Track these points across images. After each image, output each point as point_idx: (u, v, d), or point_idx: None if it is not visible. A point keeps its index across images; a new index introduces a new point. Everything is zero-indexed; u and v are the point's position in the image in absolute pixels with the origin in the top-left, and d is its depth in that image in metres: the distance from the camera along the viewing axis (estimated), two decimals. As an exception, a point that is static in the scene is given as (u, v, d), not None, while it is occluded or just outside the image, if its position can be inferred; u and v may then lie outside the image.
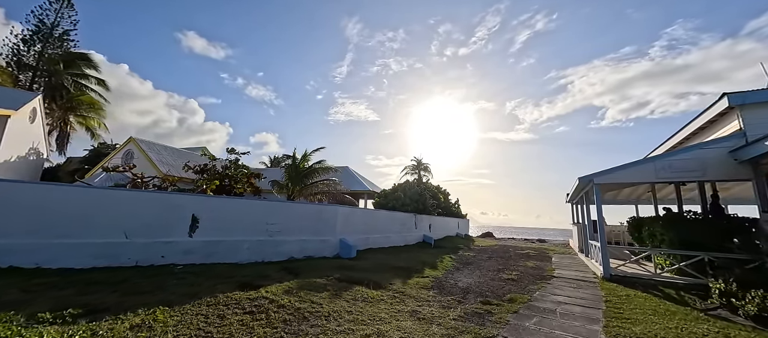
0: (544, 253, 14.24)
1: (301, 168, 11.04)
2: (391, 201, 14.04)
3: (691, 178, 7.41)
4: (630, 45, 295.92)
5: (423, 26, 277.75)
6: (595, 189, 8.49)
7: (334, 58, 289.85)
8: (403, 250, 11.98)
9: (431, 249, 13.97)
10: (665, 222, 7.75)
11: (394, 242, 12.92)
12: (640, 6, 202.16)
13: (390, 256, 9.93)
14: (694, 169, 7.41)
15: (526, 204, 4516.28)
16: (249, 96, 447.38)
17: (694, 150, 7.48)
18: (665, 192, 15.18)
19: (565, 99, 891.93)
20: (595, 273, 8.79)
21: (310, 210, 8.93)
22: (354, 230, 10.24)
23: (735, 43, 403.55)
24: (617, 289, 6.94)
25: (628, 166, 8.13)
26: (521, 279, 7.75)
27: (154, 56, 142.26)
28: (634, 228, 11.66)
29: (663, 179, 7.71)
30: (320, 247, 8.73)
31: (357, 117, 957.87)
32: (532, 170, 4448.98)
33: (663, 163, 7.74)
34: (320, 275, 6.38)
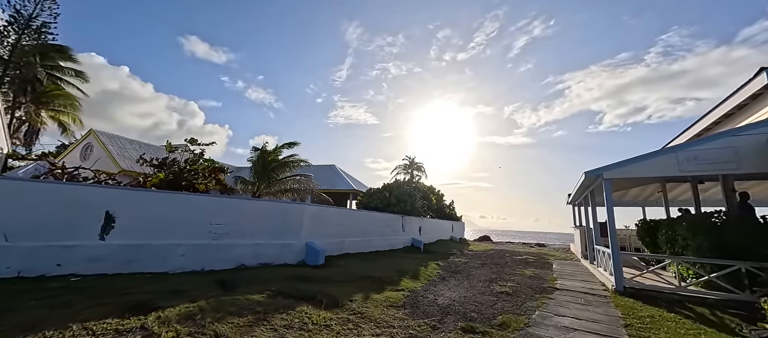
0: (544, 259, 12.90)
1: (269, 162, 9.72)
2: (374, 201, 12.72)
3: (723, 171, 6.13)
4: (626, 51, 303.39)
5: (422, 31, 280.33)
6: (605, 185, 7.19)
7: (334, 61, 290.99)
8: (384, 256, 10.62)
9: (419, 254, 12.63)
10: (691, 225, 6.45)
11: (376, 246, 11.56)
12: (636, 13, 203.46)
13: (366, 263, 8.57)
14: (725, 161, 6.12)
15: (524, 208, 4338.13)
16: (249, 99, 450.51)
17: (726, 137, 6.19)
18: (677, 192, 13.91)
19: (563, 103, 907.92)
20: (605, 284, 7.46)
21: (269, 209, 7.57)
22: (326, 233, 8.89)
23: (729, 50, 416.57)
24: (636, 307, 5.62)
25: (644, 158, 6.84)
26: (517, 293, 6.41)
27: (156, 60, 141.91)
28: (645, 233, 10.36)
29: (687, 173, 6.42)
30: (280, 253, 7.37)
31: (356, 120, 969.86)
32: (531, 174, 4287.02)
33: (687, 153, 6.45)
34: (262, 289, 5.04)
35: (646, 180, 9.59)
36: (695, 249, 6.43)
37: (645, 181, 10.98)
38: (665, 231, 7.79)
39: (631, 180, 8.75)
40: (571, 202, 16.33)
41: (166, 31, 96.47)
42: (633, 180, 8.82)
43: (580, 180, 8.59)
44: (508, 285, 7.16)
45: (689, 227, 6.47)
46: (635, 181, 9.19)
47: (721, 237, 6.01)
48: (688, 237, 6.55)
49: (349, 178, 19.24)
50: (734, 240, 5.89)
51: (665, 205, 12.83)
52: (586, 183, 8.87)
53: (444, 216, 21.42)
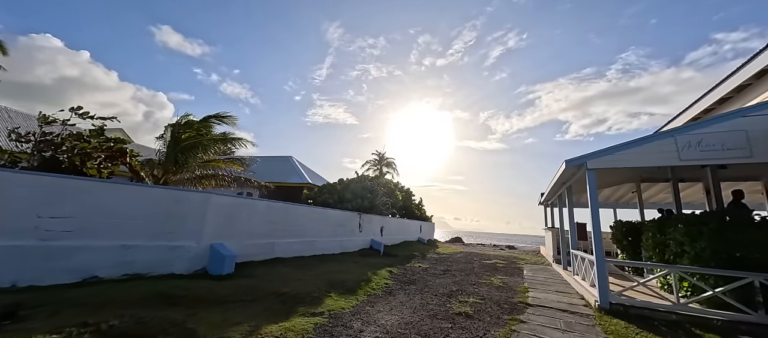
0: (514, 264, 11.67)
1: (181, 139, 7.54)
2: (324, 196, 10.83)
3: (732, 160, 4.94)
4: (590, 67, 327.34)
5: (403, 36, 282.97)
6: (588, 176, 5.84)
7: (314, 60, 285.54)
8: (329, 261, 8.78)
9: (376, 258, 10.92)
10: (690, 227, 5.23)
11: (323, 249, 9.70)
12: (600, 32, 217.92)
13: (296, 272, 6.70)
14: (736, 146, 4.92)
15: (497, 211, 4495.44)
16: (224, 93, 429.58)
17: (736, 118, 5.00)
18: (650, 192, 13.24)
19: (534, 112, 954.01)
20: (585, 298, 6.13)
21: (149, 198, 5.45)
22: (246, 232, 6.91)
23: (678, 71, 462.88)
24: (629, 334, 4.24)
25: (636, 144, 5.55)
26: (480, 314, 4.85)
27: (123, 48, 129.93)
28: (622, 236, 9.30)
29: (689, 162, 5.18)
30: (166, 259, 5.33)
31: (335, 120, 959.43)
32: (504, 178, 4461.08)
33: (689, 137, 5.20)
34: (76, 321, 3.07)
35: (634, 173, 8.48)
36: (693, 256, 5.19)
37: (631, 176, 9.93)
38: (653, 234, 6.60)
39: (617, 173, 7.55)
40: (543, 202, 15.35)
41: (136, 18, 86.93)
42: (620, 173, 7.63)
43: (558, 173, 7.26)
44: (471, 300, 5.60)
45: (687, 229, 5.23)
46: (622, 174, 8.01)
47: (729, 242, 4.78)
48: (685, 241, 5.31)
49: (307, 172, 17.15)
50: (746, 245, 4.67)
51: (640, 207, 12.02)
52: (564, 177, 7.57)
53: (412, 216, 19.93)
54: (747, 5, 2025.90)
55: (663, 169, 9.84)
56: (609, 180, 11.55)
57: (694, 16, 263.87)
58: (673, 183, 8.97)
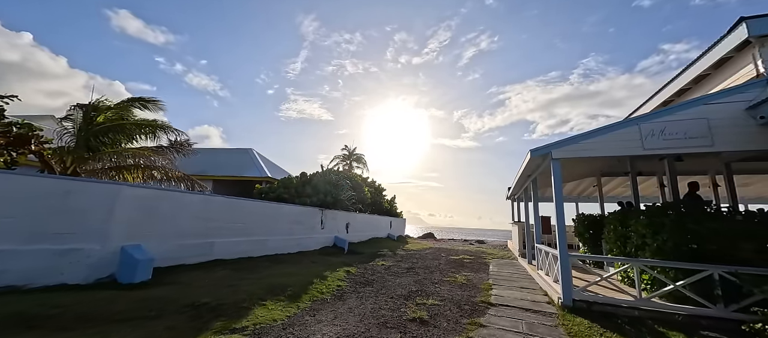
0: (481, 259, 11.45)
1: (96, 122, 6.31)
2: (279, 190, 9.88)
3: (694, 149, 4.77)
4: (556, 70, 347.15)
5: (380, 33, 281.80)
6: (553, 166, 5.51)
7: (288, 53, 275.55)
8: (281, 262, 7.93)
9: (338, 256, 10.20)
10: (652, 219, 5.04)
11: (278, 248, 8.81)
12: (565, 38, 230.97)
13: (234, 276, 5.82)
14: (697, 135, 4.75)
15: (469, 207, 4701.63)
16: (189, 84, 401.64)
17: (698, 105, 4.84)
18: (610, 186, 13.62)
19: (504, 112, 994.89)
20: (549, 295, 5.83)
21: (25, 189, 4.32)
22: (174, 230, 5.91)
23: (631, 77, 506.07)
24: (593, 331, 3.90)
25: (600, 132, 5.28)
26: (437, 318, 4.31)
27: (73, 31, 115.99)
28: (585, 229, 9.31)
29: (652, 151, 4.96)
30: (51, 266, 4.25)
31: (310, 115, 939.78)
32: (476, 175, 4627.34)
33: (653, 125, 4.99)
34: None
35: (595, 166, 8.40)
36: (655, 249, 5.01)
37: (593, 170, 9.96)
38: (615, 226, 6.46)
39: (580, 165, 7.38)
40: (510, 197, 15.42)
41: None
42: (582, 165, 7.46)
43: (524, 165, 6.94)
44: (429, 302, 5.06)
45: (650, 221, 5.04)
46: (584, 167, 7.88)
47: (689, 234, 4.61)
48: (647, 233, 5.13)
49: (269, 166, 15.92)
50: (705, 238, 4.51)
51: (600, 200, 12.27)
52: (529, 169, 7.28)
53: (382, 212, 19.37)
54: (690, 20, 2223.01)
55: (622, 162, 9.95)
56: (572, 174, 11.64)
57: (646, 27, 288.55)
58: (631, 177, 9.07)
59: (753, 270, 4.16)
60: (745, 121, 4.55)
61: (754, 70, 4.75)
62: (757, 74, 4.67)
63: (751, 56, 4.78)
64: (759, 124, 4.45)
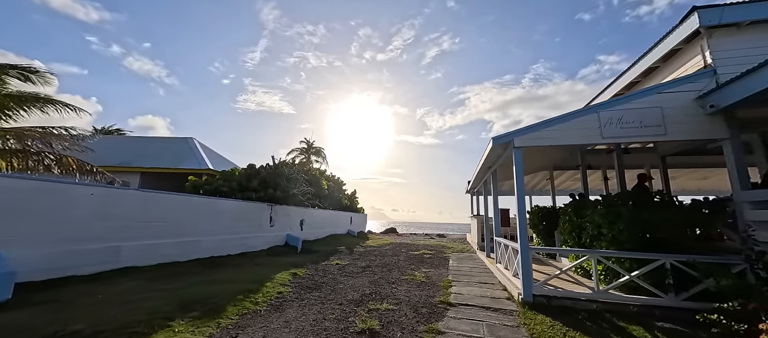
0: (441, 253, 11.24)
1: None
2: (217, 184, 8.59)
3: (649, 138, 4.73)
4: (510, 74, 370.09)
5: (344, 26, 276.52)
6: (514, 155, 5.20)
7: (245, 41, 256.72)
8: (217, 266, 6.82)
9: (290, 256, 9.24)
10: (608, 210, 4.96)
11: (214, 249, 7.63)
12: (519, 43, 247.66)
13: (142, 288, 4.68)
14: (652, 124, 4.72)
15: (432, 202, 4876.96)
16: (129, 69, 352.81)
17: (652, 94, 4.81)
18: (560, 180, 14.27)
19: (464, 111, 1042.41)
20: (508, 290, 5.58)
21: None
22: (56, 232, 4.58)
23: (574, 84, 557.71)
24: (555, 333, 3.59)
25: (561, 120, 5.07)
26: (390, 327, 3.71)
27: None
28: (539, 221, 9.45)
29: (610, 139, 4.85)
30: None
31: (270, 108, 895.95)
32: (438, 171, 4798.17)
33: (610, 113, 4.88)
34: None
35: (550, 160, 8.45)
36: (610, 239, 4.94)
37: (546, 164, 10.12)
38: (570, 217, 6.44)
39: (539, 155, 7.28)
40: (470, 191, 15.55)
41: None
42: (542, 153, 7.38)
43: (485, 155, 6.65)
44: (383, 307, 4.46)
45: (607, 211, 4.95)
46: (544, 155, 7.83)
47: (644, 223, 4.56)
48: (604, 224, 5.05)
49: (212, 157, 14.18)
50: (658, 227, 4.48)
51: (552, 193, 12.73)
52: (490, 159, 7.02)
53: (342, 208, 18.53)
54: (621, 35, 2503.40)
55: (574, 156, 10.26)
56: (527, 168, 11.91)
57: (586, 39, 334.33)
58: (582, 170, 9.35)
59: (703, 258, 4.18)
60: (694, 110, 4.59)
61: (701, 61, 4.83)
62: (705, 65, 4.74)
63: (699, 47, 4.85)
64: (707, 114, 4.50)
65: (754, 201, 4.05)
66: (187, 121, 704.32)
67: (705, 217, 4.59)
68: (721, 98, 4.29)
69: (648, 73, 6.16)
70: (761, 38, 4.41)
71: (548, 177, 12.25)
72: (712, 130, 4.48)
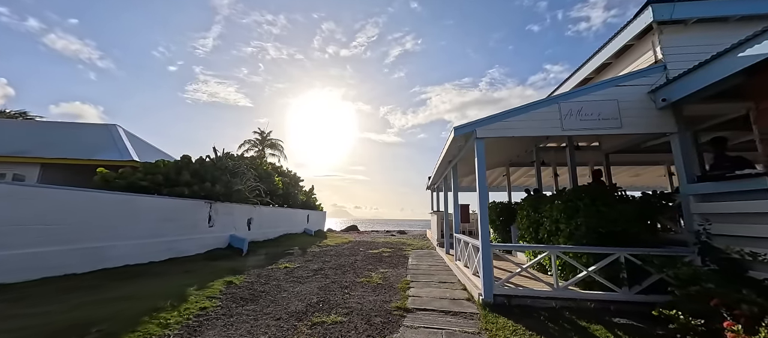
0: (401, 251, 10.86)
1: None
2: (134, 177, 7.14)
3: (606, 131, 4.68)
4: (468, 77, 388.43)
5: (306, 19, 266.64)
6: (477, 146, 4.87)
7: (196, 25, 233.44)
8: (129, 276, 5.60)
9: (232, 260, 8.13)
10: (567, 203, 4.85)
11: (133, 255, 6.33)
12: (477, 48, 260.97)
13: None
14: (609, 117, 4.66)
15: (394, 199, 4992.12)
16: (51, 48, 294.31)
17: (610, 87, 4.76)
18: (515, 176, 14.75)
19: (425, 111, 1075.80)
20: (468, 289, 5.26)
21: None
22: None
23: (524, 89, 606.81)
24: (518, 336, 3.26)
25: (523, 110, 4.84)
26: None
27: None
28: (496, 216, 9.47)
29: (570, 131, 4.72)
30: None
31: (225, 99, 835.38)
32: (400, 169, 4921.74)
33: (571, 105, 4.75)
34: None
35: (515, 147, 8.37)
36: (568, 234, 4.84)
37: (503, 160, 10.19)
38: (527, 212, 6.36)
39: (501, 147, 7.13)
40: (430, 186, 15.46)
41: None
42: (504, 146, 7.25)
43: (446, 147, 6.29)
44: (331, 320, 3.81)
45: (566, 205, 4.83)
46: (503, 150, 7.73)
47: (600, 217, 4.48)
48: (562, 218, 4.93)
49: (141, 148, 12.17)
50: (615, 220, 4.43)
51: (508, 189, 13.02)
52: (451, 152, 6.69)
53: (299, 205, 17.38)
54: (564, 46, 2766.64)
55: (529, 153, 10.46)
56: (486, 163, 12.08)
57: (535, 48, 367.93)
58: (536, 166, 9.55)
59: (656, 251, 4.18)
60: (647, 104, 4.61)
61: (652, 56, 4.89)
62: (656, 61, 4.80)
63: (650, 43, 4.92)
64: (658, 108, 4.54)
65: (698, 195, 4.13)
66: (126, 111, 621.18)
67: (656, 210, 4.66)
68: (671, 93, 4.33)
69: (601, 69, 6.26)
70: (708, 36, 4.55)
71: (505, 174, 12.49)
72: (662, 124, 4.54)
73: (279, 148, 21.22)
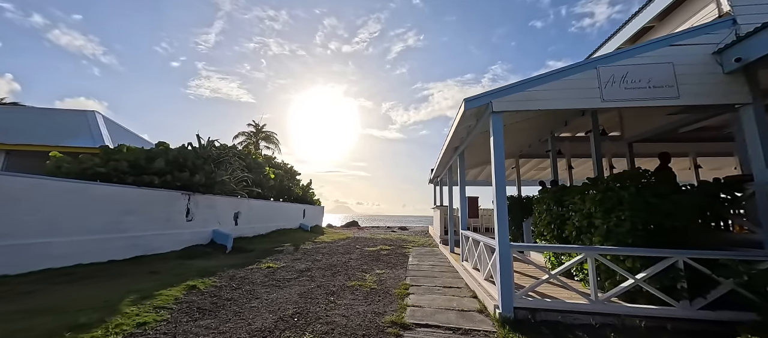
0: (401, 249, 9.96)
1: None
2: (92, 163, 6.21)
3: (658, 101, 3.70)
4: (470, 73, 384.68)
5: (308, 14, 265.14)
6: (493, 123, 3.92)
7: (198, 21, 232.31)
8: (75, 280, 4.72)
9: (213, 258, 7.27)
10: (607, 192, 3.89)
11: (86, 253, 5.48)
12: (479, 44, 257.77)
13: None
14: (663, 83, 3.68)
15: (395, 195, 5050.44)
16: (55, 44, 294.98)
17: (663, 46, 3.77)
18: (523, 170, 13.76)
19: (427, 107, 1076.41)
20: (480, 298, 4.34)
21: None
22: None
23: None
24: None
25: (552, 76, 3.87)
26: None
27: None
28: (508, 210, 8.51)
29: (612, 103, 3.74)
30: None
31: (227, 95, 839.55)
32: (402, 166, 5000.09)
33: (613, 69, 3.76)
34: None
35: (517, 147, 7.43)
36: (605, 232, 3.88)
37: (513, 152, 9.18)
38: (548, 206, 5.40)
39: (515, 131, 6.12)
40: (433, 179, 14.50)
41: None
42: (518, 130, 6.25)
43: (453, 127, 5.33)
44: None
45: (604, 196, 3.86)
46: (519, 133, 6.71)
47: (651, 210, 3.52)
48: (596, 213, 3.97)
49: (122, 137, 11.26)
50: (669, 214, 3.47)
51: (517, 183, 12.06)
52: (458, 135, 5.74)
53: (294, 199, 16.51)
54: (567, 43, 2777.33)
55: (543, 143, 9.47)
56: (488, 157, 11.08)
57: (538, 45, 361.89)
58: (552, 157, 8.58)
59: (725, 254, 3.23)
60: (712, 67, 3.62)
61: (713, 11, 3.89)
62: (720, 14, 3.80)
63: (712, -7, 3.91)
64: (726, 72, 3.55)
65: (784, 182, 3.16)
66: (129, 106, 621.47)
67: (720, 203, 3.69)
68: (747, 50, 3.34)
69: (639, 36, 5.25)
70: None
71: (514, 166, 11.50)
72: (732, 93, 3.56)
73: (274, 140, 20.35)
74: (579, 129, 8.93)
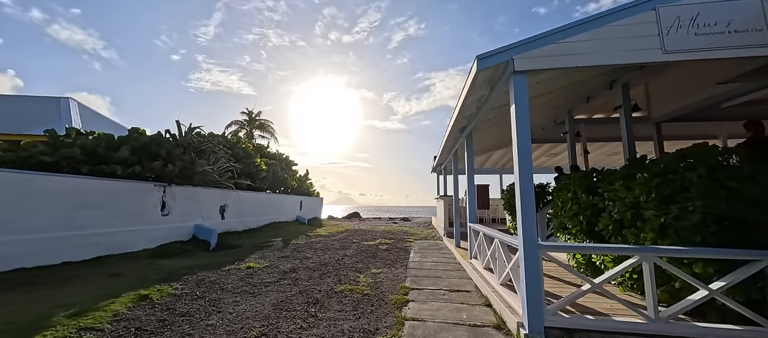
0: (403, 242, 9.14)
1: None
2: (38, 151, 5.35)
3: (741, 51, 2.75)
4: None
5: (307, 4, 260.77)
6: (514, 86, 2.99)
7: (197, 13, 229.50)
8: (13, 288, 3.93)
9: (191, 256, 6.51)
10: (664, 177, 2.99)
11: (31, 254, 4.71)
12: (482, 32, 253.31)
13: None
14: (748, 26, 2.71)
15: (398, 186, 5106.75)
16: (55, 39, 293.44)
17: (748, -25, 2.78)
18: (535, 155, 12.79)
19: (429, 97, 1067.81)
20: (495, 309, 3.49)
21: None
22: None
23: None
24: None
25: (593, 22, 2.91)
26: None
27: None
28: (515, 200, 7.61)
29: (677, 55, 2.80)
30: None
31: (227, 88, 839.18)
32: (405, 157, 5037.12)
33: (679, 10, 2.80)
34: None
35: (551, 107, 6.42)
36: (660, 227, 2.97)
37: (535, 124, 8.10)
38: (575, 194, 4.47)
39: (541, 96, 5.10)
40: (436, 167, 13.57)
41: None
42: (544, 97, 5.26)
43: (461, 101, 4.38)
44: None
45: (662, 180, 2.94)
46: (546, 103, 5.68)
47: (736, 198, 2.61)
48: (649, 203, 3.06)
49: (101, 126, 10.44)
50: (762, 204, 2.56)
51: (528, 169, 11.12)
52: (467, 109, 4.81)
53: (290, 190, 15.72)
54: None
55: (558, 126, 8.51)
56: (501, 141, 10.09)
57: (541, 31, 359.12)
58: (569, 140, 7.64)
59: None
60: (818, 1, 2.65)
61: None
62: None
63: None
64: (840, 7, 2.58)
65: None
66: (131, 100, 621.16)
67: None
68: None
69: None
70: None
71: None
72: None
73: (270, 129, 19.49)
74: (596, 110, 7.93)
